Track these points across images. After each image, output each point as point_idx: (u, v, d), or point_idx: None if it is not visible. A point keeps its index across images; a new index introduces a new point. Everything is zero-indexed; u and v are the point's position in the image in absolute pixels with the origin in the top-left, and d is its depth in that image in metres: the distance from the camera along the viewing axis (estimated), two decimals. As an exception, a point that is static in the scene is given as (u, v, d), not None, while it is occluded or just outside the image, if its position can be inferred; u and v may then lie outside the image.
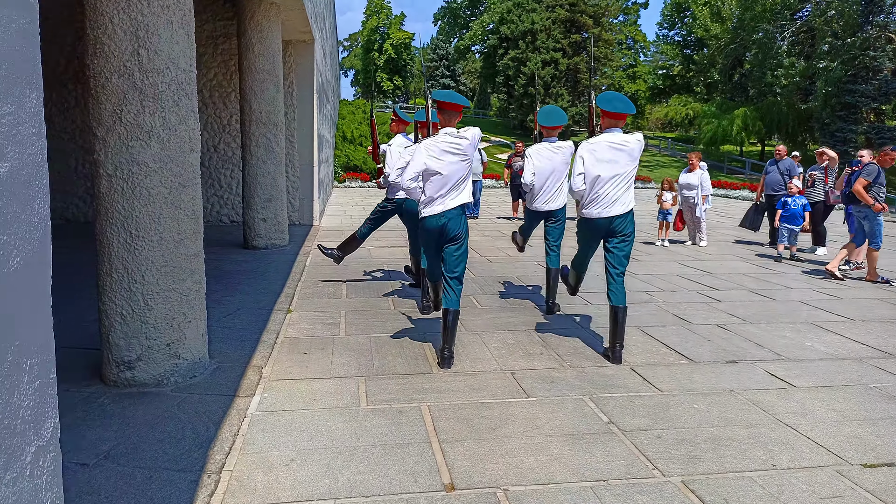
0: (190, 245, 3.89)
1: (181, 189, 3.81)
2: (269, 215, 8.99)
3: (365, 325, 5.22)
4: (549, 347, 4.68)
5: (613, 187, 4.47)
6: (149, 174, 3.68)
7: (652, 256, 8.97)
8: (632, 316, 5.62)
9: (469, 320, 5.40)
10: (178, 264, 3.83)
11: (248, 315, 5.43)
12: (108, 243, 3.70)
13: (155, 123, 3.67)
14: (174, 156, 3.76)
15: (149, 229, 3.71)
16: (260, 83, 8.79)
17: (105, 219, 3.69)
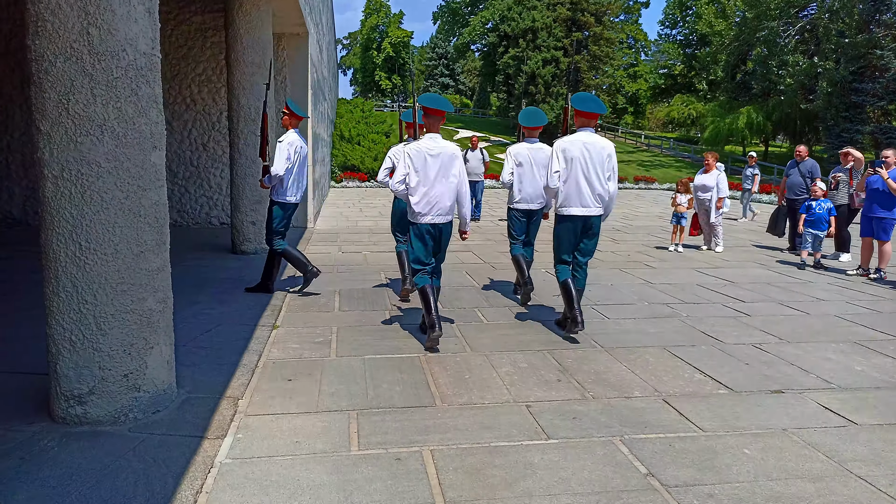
0: (151, 258, 3.33)
1: (141, 193, 3.24)
2: (259, 218, 8.42)
3: (359, 345, 4.66)
4: (566, 373, 4.12)
5: (587, 185, 4.78)
6: (101, 175, 3.11)
7: (667, 263, 8.42)
8: (655, 333, 5.06)
9: (475, 338, 4.84)
10: (137, 281, 3.26)
11: (228, 332, 4.86)
12: (55, 257, 3.14)
13: (108, 115, 3.11)
14: (132, 154, 3.19)
15: (102, 240, 3.14)
16: (249, 77, 8.22)
17: (51, 228, 3.13)
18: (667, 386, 3.92)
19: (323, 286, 6.61)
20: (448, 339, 4.80)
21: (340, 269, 7.65)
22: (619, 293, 6.47)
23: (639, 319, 5.47)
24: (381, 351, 4.52)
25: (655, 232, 11.91)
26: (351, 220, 13.04)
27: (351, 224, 12.27)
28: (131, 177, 3.20)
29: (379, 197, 19.22)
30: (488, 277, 7.23)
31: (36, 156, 3.14)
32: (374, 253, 8.82)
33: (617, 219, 14.09)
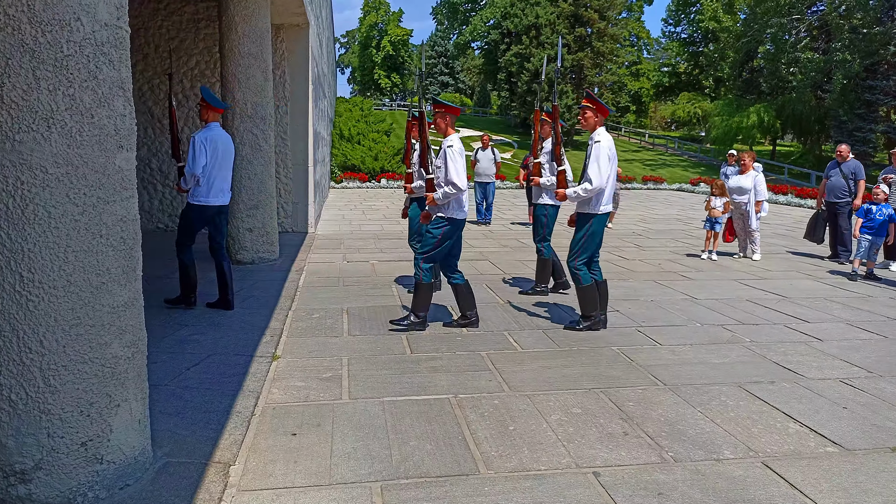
0: (117, 291, 2.57)
1: (102, 206, 2.49)
2: (256, 224, 7.67)
3: (376, 382, 3.91)
4: (632, 422, 3.38)
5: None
6: (48, 184, 2.36)
7: (704, 273, 7.68)
8: (722, 365, 4.32)
9: (511, 372, 4.10)
10: (97, 321, 2.51)
11: (220, 365, 4.11)
12: (-14, 291, 2.39)
13: (57, 105, 2.35)
14: (90, 156, 2.44)
15: (50, 269, 2.39)
16: (245, 69, 7.47)
17: (-19, 253, 2.38)
18: (761, 442, 3.17)
19: (329, 303, 5.86)
20: (480, 374, 4.06)
21: (347, 281, 6.90)
22: (664, 312, 5.73)
23: (696, 346, 4.73)
24: (403, 391, 3.77)
25: (679, 237, 11.18)
26: (354, 223, 12.29)
27: (354, 228, 11.52)
28: (89, 185, 2.45)
29: (381, 199, 18.48)
30: (513, 290, 6.48)
31: (-37, 158, 2.39)
32: (383, 262, 8.07)
33: (634, 222, 13.36)
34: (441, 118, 4.81)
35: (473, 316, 5.08)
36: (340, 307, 5.76)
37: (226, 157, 5.39)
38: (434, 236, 4.83)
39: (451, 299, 5.91)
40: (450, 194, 4.70)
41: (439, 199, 4.74)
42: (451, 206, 4.82)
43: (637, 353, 4.54)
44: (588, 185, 4.78)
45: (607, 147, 4.86)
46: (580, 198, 4.86)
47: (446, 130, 4.85)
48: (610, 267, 7.93)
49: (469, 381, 3.93)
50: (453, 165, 4.69)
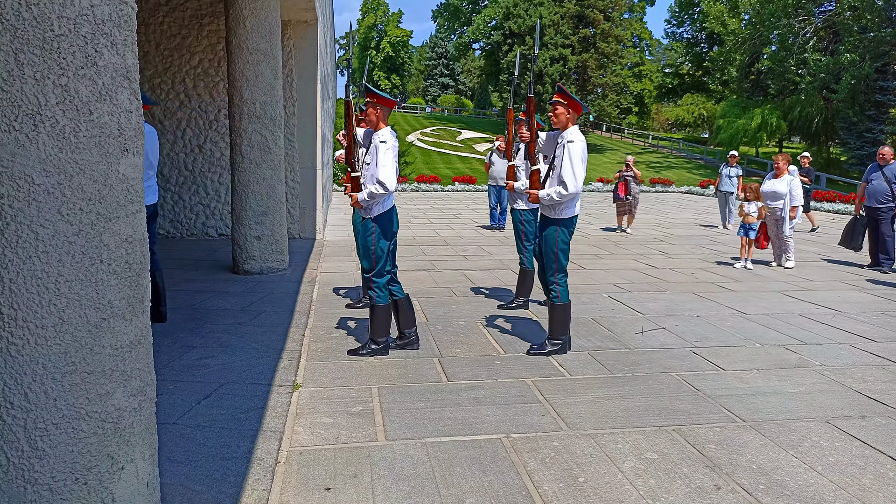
0: (121, 328, 2.09)
1: (103, 224, 2.01)
2: (265, 232, 7.19)
3: (413, 417, 3.43)
4: (720, 470, 2.90)
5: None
6: (35, 197, 1.88)
7: (743, 284, 7.21)
8: (799, 395, 3.84)
9: (565, 405, 3.62)
10: (97, 366, 2.02)
11: (234, 397, 3.62)
12: (-43, 332, 1.90)
13: (46, 98, 1.87)
14: (87, 161, 1.96)
15: (36, 305, 1.91)
16: (253, 66, 6.99)
17: (-50, 285, 1.89)
18: (875, 497, 2.69)
19: (348, 321, 5.38)
20: (530, 408, 3.58)
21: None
22: (715, 329, 5.26)
23: (764, 372, 4.25)
24: (447, 429, 3.28)
25: (702, 242, 10.72)
26: (362, 229, 11.78)
27: (363, 234, 11.02)
28: (86, 199, 1.96)
29: (387, 201, 17.98)
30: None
31: (-72, 165, 1.91)
32: (401, 272, 7.55)
33: (651, 227, 12.90)
34: (373, 109, 4.31)
35: (383, 342, 4.51)
36: (361, 325, 5.27)
37: (152, 154, 4.94)
38: (373, 246, 4.35)
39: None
40: (376, 194, 4.19)
41: (363, 200, 4.25)
42: (378, 205, 4.33)
43: (700, 380, 4.06)
44: (563, 190, 4.26)
45: (581, 148, 4.37)
46: (553, 202, 4.36)
47: (377, 124, 4.32)
48: (641, 277, 7.47)
49: (520, 417, 3.45)
50: (384, 163, 4.17)
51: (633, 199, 11.69)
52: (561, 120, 4.45)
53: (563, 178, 4.29)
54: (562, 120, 4.44)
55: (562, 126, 4.46)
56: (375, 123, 4.35)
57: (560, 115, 4.44)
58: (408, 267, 7.93)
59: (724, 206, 12.78)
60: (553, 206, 4.40)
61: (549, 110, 4.55)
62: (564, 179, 4.28)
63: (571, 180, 4.27)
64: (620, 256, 9.08)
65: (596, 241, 10.70)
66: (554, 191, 4.32)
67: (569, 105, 4.42)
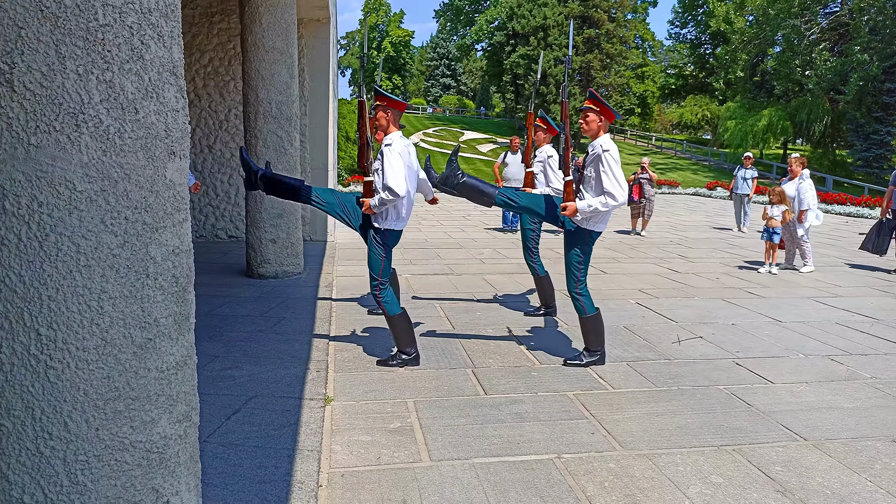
0: (168, 348, 1.90)
1: (149, 235, 1.82)
2: (281, 235, 7.00)
3: (456, 435, 3.24)
4: (792, 496, 2.71)
5: None
6: (76, 206, 1.69)
7: (773, 290, 7.02)
8: (856, 410, 3.66)
9: (614, 421, 3.43)
10: (142, 391, 1.84)
11: (264, 412, 3.44)
12: (-11, 355, 1.72)
13: (90, 95, 1.69)
14: (133, 166, 1.77)
15: (77, 324, 1.72)
16: (269, 65, 6.80)
17: (-18, 302, 1.71)
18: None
19: (372, 328, 5.19)
20: (577, 424, 3.39)
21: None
22: (754, 339, 5.07)
23: (815, 385, 4.07)
24: (494, 449, 3.10)
25: (719, 246, 10.54)
26: (373, 231, 11.60)
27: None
28: (132, 207, 1.78)
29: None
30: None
31: (-43, 169, 1.72)
32: (418, 276, 7.40)
33: (664, 230, 12.72)
34: (383, 112, 4.14)
35: (413, 352, 4.32)
36: (386, 333, 5.08)
37: None
38: (378, 255, 4.19)
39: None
40: (386, 201, 3.99)
41: (375, 207, 4.06)
42: (389, 214, 4.15)
43: (750, 394, 3.87)
44: (611, 201, 4.01)
45: (617, 156, 4.14)
46: (596, 213, 4.09)
47: (388, 128, 4.15)
48: (665, 282, 7.28)
49: (568, 435, 3.26)
50: (391, 168, 3.97)
51: (647, 201, 11.51)
52: (592, 128, 4.20)
53: (608, 188, 4.05)
54: (593, 128, 4.20)
55: (592, 134, 4.22)
56: (385, 127, 4.17)
57: (591, 122, 4.19)
58: (425, 271, 7.74)
59: (740, 208, 12.59)
60: (591, 218, 4.18)
61: (580, 117, 4.31)
62: (610, 189, 4.04)
63: (618, 189, 4.04)
64: (639, 260, 8.90)
65: (611, 244, 10.52)
66: (599, 201, 4.06)
67: (601, 112, 4.18)
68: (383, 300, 4.23)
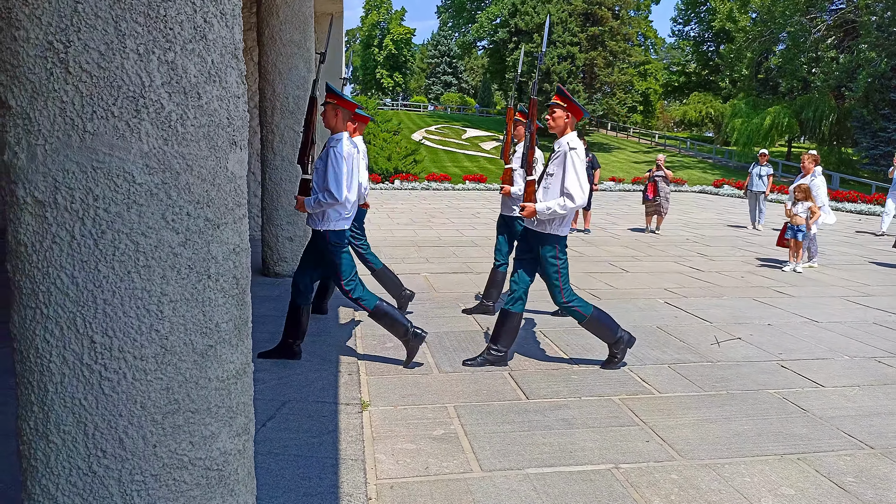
0: (228, 355, 1.74)
1: (210, 233, 1.66)
2: (298, 233, 6.84)
3: (504, 443, 3.09)
4: (871, 509, 2.56)
5: None
6: (136, 200, 1.53)
7: (801, 289, 6.87)
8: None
9: (668, 428, 3.27)
10: (203, 403, 1.68)
11: (300, 417, 3.28)
12: (39, 367, 1.56)
13: (151, 77, 1.53)
14: (195, 156, 1.61)
15: (135, 331, 1.56)
16: (287, 59, 6.63)
17: (29, 309, 1.55)
18: None
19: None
20: (629, 431, 3.24)
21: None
22: (794, 340, 4.92)
23: (867, 389, 3.92)
24: (547, 458, 2.94)
25: (737, 244, 10.38)
26: (384, 228, 11.45)
27: (386, 234, 10.68)
28: (194, 201, 1.62)
29: (398, 200, 17.68)
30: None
31: (2, 158, 1.56)
32: (437, 275, 7.24)
33: (678, 227, 12.57)
34: (332, 111, 3.95)
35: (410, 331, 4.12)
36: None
37: None
38: (334, 258, 4.03)
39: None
40: (323, 203, 3.82)
41: (310, 207, 3.90)
42: (329, 216, 3.96)
43: (803, 398, 3.72)
44: (569, 203, 3.82)
45: (583, 156, 3.95)
46: (554, 216, 3.88)
47: (335, 126, 3.96)
48: (690, 280, 7.13)
49: (622, 443, 3.10)
50: (333, 171, 3.78)
51: (662, 199, 11.36)
52: (559, 124, 4.00)
53: (569, 189, 3.84)
54: (559, 124, 4.00)
55: (559, 131, 4.01)
56: (333, 126, 3.98)
57: (558, 118, 3.99)
58: (443, 269, 7.58)
59: (755, 206, 12.43)
60: (552, 221, 3.96)
61: (546, 113, 4.12)
62: (570, 191, 3.84)
63: (578, 191, 3.84)
64: (659, 258, 8.74)
65: (627, 242, 10.36)
66: (557, 203, 3.85)
67: (568, 108, 3.99)
68: (360, 299, 4.06)
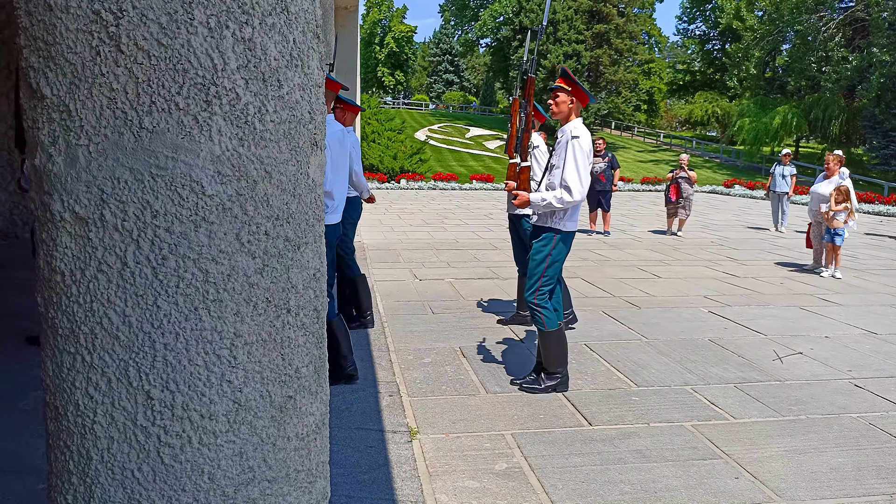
0: (308, 405, 1.41)
1: (290, 256, 1.33)
2: (317, 236, 6.48)
3: (578, 479, 2.75)
4: None
5: None
6: (205, 217, 1.20)
7: (846, 297, 6.54)
8: None
9: (755, 462, 2.94)
10: (281, 469, 1.35)
11: (344, 448, 2.95)
12: (80, 428, 1.23)
13: (225, 59, 1.19)
14: (274, 160, 1.28)
15: (203, 382, 1.23)
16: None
17: (67, 354, 1.21)
18: None
19: (432, 341, 4.70)
20: (712, 465, 2.90)
21: (434, 307, 5.74)
22: (859, 354, 4.59)
23: (958, 412, 3.59)
24: (629, 498, 2.61)
25: (764, 247, 10.06)
26: (397, 230, 11.12)
27: (401, 236, 10.35)
28: (272, 217, 1.28)
29: (406, 200, 17.36)
30: (654, 327, 5.33)
31: (33, 163, 1.22)
32: (461, 281, 6.91)
33: (698, 229, 12.24)
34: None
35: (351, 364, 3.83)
36: (450, 346, 4.60)
37: None
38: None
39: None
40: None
41: None
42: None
43: (892, 424, 3.39)
44: (566, 196, 3.50)
45: (587, 146, 3.59)
46: (550, 208, 3.58)
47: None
48: (728, 287, 6.80)
49: (709, 480, 2.77)
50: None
51: (686, 201, 11.03)
52: (562, 109, 3.65)
53: (567, 180, 3.52)
54: (563, 109, 3.65)
55: (563, 117, 3.68)
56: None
57: (561, 103, 3.64)
58: (468, 275, 7.24)
59: (777, 207, 12.11)
60: (553, 213, 3.65)
61: (549, 97, 3.77)
62: (568, 183, 3.51)
63: (577, 184, 3.50)
64: (688, 262, 8.42)
65: (650, 245, 10.04)
66: (554, 196, 3.53)
67: (572, 93, 3.63)
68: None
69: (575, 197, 3.53)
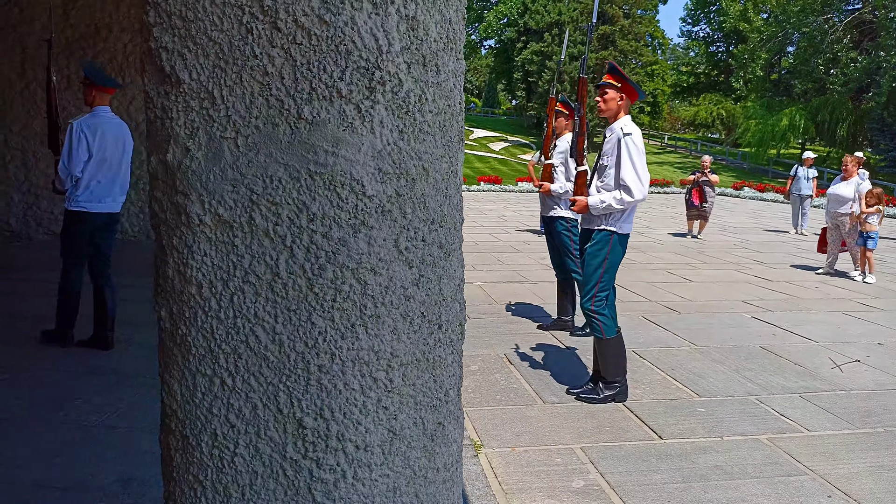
0: (453, 434, 1.26)
1: (441, 264, 1.18)
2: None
3: (660, 498, 2.61)
4: None
5: None
6: (364, 221, 1.05)
7: (886, 301, 6.41)
8: None
9: (842, 479, 2.79)
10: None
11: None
12: (218, 461, 1.07)
13: (389, 40, 1.04)
14: (429, 155, 1.13)
15: (359, 409, 1.08)
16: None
17: (203, 377, 1.06)
18: None
19: (474, 347, 4.55)
20: (802, 482, 2.75)
21: (470, 312, 5.58)
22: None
23: None
24: (722, 518, 2.46)
25: (789, 250, 9.92)
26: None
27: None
28: (427, 220, 1.14)
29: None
30: (711, 335, 5.18)
31: (162, 158, 1.07)
32: (491, 284, 6.75)
33: (716, 232, 12.10)
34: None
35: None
36: (495, 353, 4.45)
37: (116, 150, 3.98)
38: None
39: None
40: None
41: None
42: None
43: (976, 437, 3.24)
44: (626, 196, 3.36)
45: (641, 143, 3.44)
46: (610, 210, 3.43)
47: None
48: (764, 292, 6.65)
49: (799, 498, 2.62)
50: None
51: (709, 205, 10.90)
52: (611, 107, 3.49)
53: (625, 180, 3.36)
54: (612, 107, 3.49)
55: (611, 115, 3.51)
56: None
57: (610, 100, 3.48)
58: (496, 278, 7.09)
59: (798, 209, 11.97)
60: (607, 215, 3.49)
61: (597, 94, 3.61)
62: (627, 182, 3.36)
63: (636, 182, 3.36)
64: (716, 266, 8.27)
65: (673, 247, 9.89)
66: (613, 197, 3.39)
67: (622, 89, 3.47)
68: None
69: (636, 196, 3.39)
